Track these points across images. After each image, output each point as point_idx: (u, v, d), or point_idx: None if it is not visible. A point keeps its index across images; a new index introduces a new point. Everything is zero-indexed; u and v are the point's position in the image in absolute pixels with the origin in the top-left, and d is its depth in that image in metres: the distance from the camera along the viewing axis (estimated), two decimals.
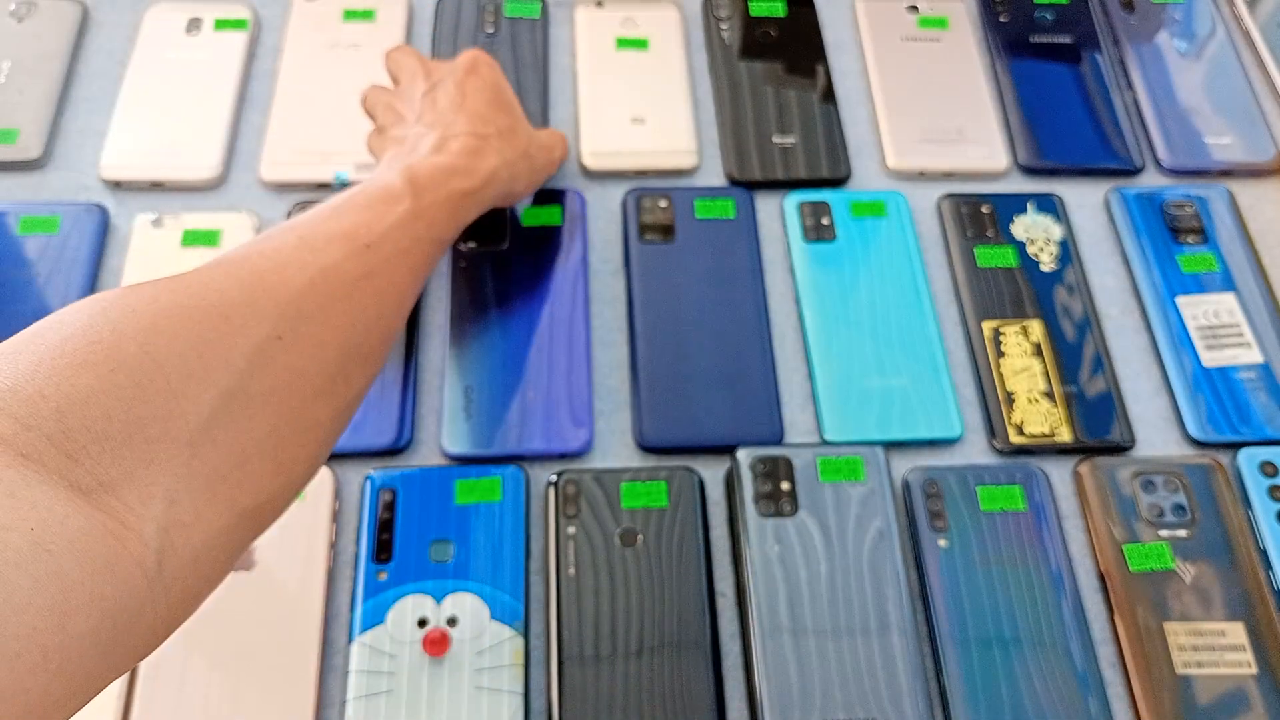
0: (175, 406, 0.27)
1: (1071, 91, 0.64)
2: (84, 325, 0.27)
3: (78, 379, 0.25)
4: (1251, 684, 0.44)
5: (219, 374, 0.29)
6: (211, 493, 0.28)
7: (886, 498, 0.48)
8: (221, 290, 0.31)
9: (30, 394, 0.24)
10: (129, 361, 0.26)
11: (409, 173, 0.40)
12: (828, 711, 0.43)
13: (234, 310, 0.30)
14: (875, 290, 0.55)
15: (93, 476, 0.25)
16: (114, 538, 0.24)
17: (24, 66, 0.60)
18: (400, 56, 0.51)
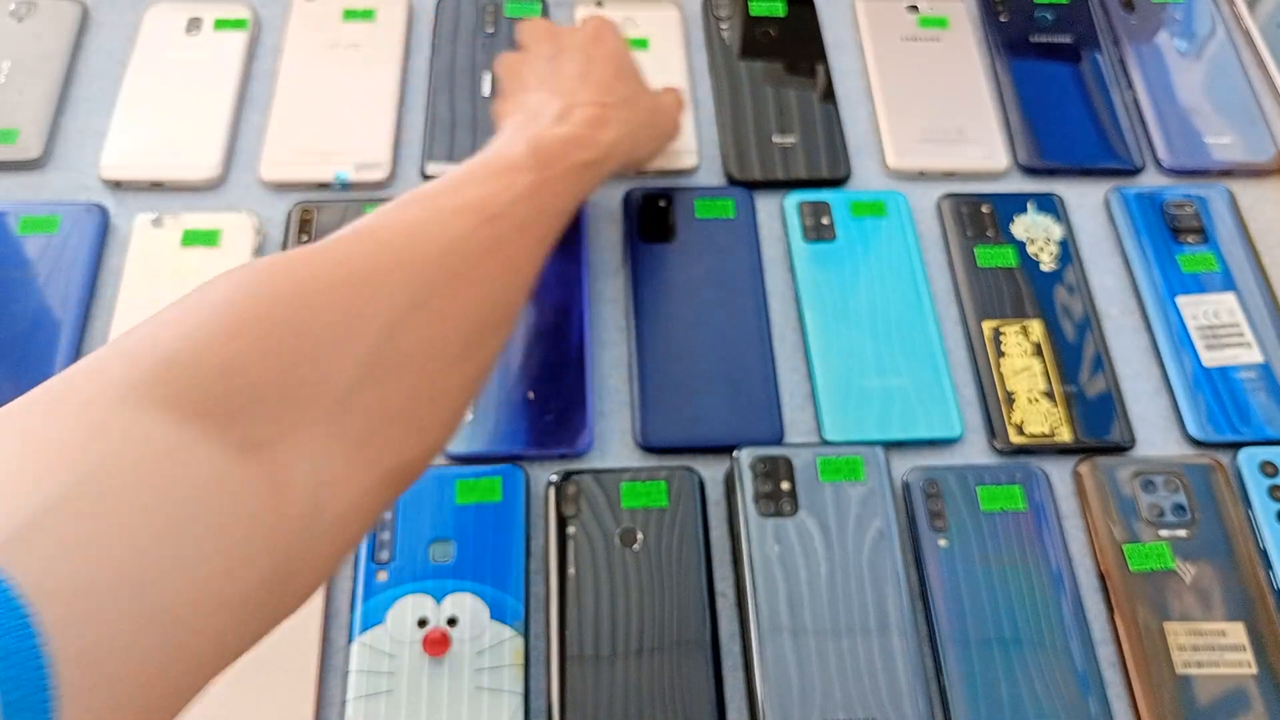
0: (322, 372, 0.28)
1: (1071, 91, 0.64)
2: (234, 295, 0.29)
3: (232, 344, 0.27)
4: (1251, 684, 0.44)
5: (361, 342, 0.30)
6: (358, 453, 0.29)
7: (886, 498, 0.48)
8: (361, 261, 0.32)
9: (191, 360, 0.26)
10: (278, 329, 0.28)
11: (533, 144, 0.40)
12: (828, 711, 0.43)
13: (373, 281, 0.31)
14: (875, 290, 0.55)
15: (251, 436, 0.26)
16: (274, 494, 0.26)
17: (24, 66, 0.60)
18: (530, 24, 0.51)
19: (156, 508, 0.23)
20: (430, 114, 0.60)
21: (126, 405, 0.24)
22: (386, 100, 0.60)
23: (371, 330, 0.30)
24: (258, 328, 0.28)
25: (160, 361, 0.26)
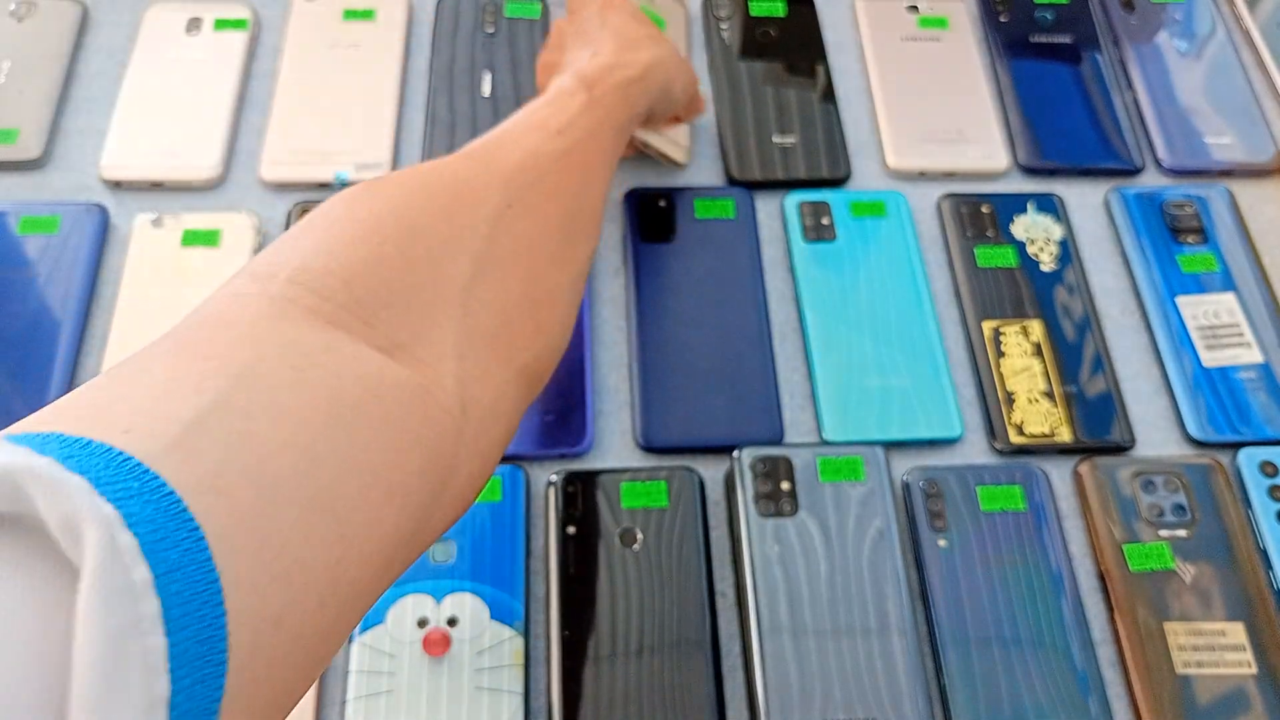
0: (440, 271, 0.30)
1: (1071, 91, 0.64)
2: (347, 209, 0.30)
3: (354, 253, 0.28)
4: (1251, 684, 0.44)
5: (468, 240, 0.32)
6: (491, 349, 0.31)
7: (886, 498, 0.48)
8: (454, 170, 0.35)
9: (319, 270, 0.27)
10: (391, 234, 0.29)
11: (578, 74, 0.44)
12: (828, 711, 0.43)
13: (468, 184, 0.34)
14: (875, 290, 0.55)
15: (389, 338, 0.27)
16: (423, 389, 0.27)
17: (24, 66, 0.60)
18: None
19: (314, 404, 0.23)
20: (430, 114, 0.60)
21: (270, 317, 0.25)
22: (386, 100, 0.60)
23: (476, 228, 0.32)
24: (376, 236, 0.29)
25: (292, 276, 0.27)
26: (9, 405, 0.49)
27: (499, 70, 0.62)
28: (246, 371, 0.23)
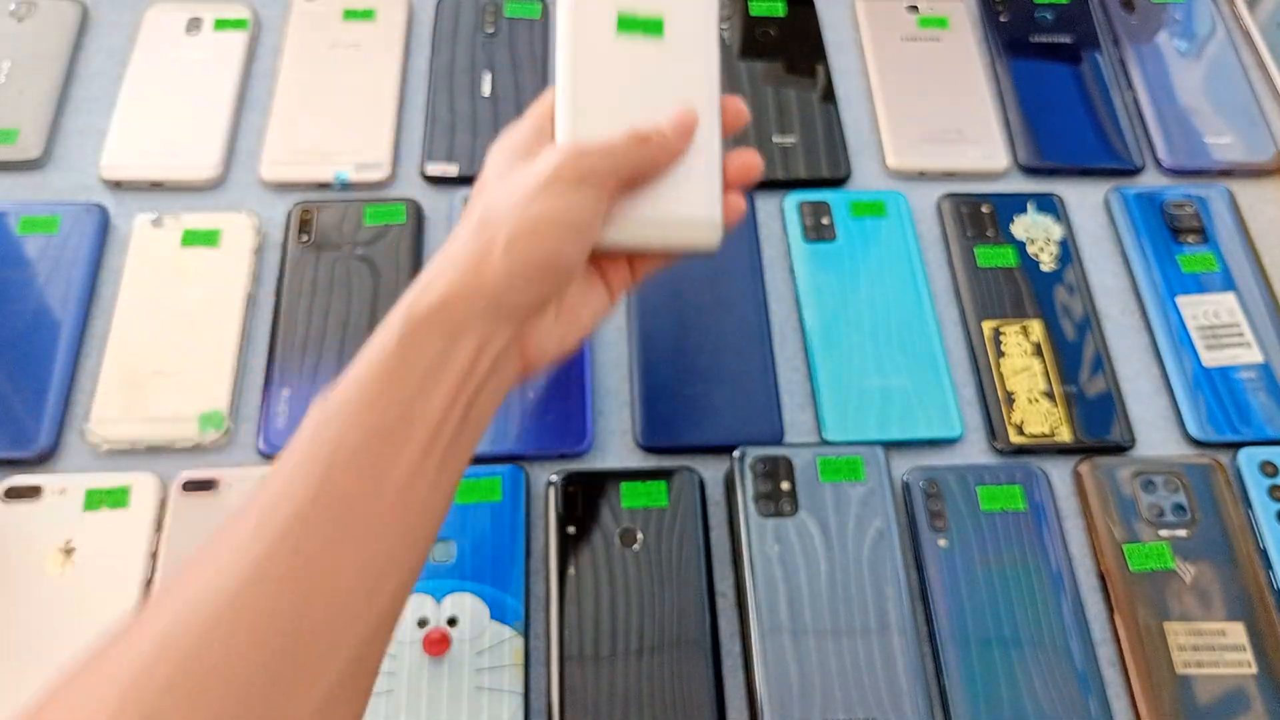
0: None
1: (1071, 91, 0.64)
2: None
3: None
4: (1251, 684, 0.44)
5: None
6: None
7: (886, 498, 0.48)
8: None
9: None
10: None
11: (396, 319, 0.34)
12: (828, 711, 0.43)
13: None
14: (875, 290, 0.55)
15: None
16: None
17: (24, 66, 0.60)
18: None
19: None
20: (430, 114, 0.60)
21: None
22: (386, 100, 0.60)
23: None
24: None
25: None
26: (9, 405, 0.49)
27: (499, 70, 0.62)
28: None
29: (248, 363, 0.52)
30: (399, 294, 0.34)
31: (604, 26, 0.40)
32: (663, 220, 0.38)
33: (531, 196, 0.34)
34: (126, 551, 0.46)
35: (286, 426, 0.50)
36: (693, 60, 0.40)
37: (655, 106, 0.38)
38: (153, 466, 0.49)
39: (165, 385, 0.50)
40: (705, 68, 0.40)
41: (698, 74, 0.40)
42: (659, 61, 0.40)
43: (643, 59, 0.40)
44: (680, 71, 0.40)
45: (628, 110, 0.38)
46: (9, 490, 0.47)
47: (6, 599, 0.45)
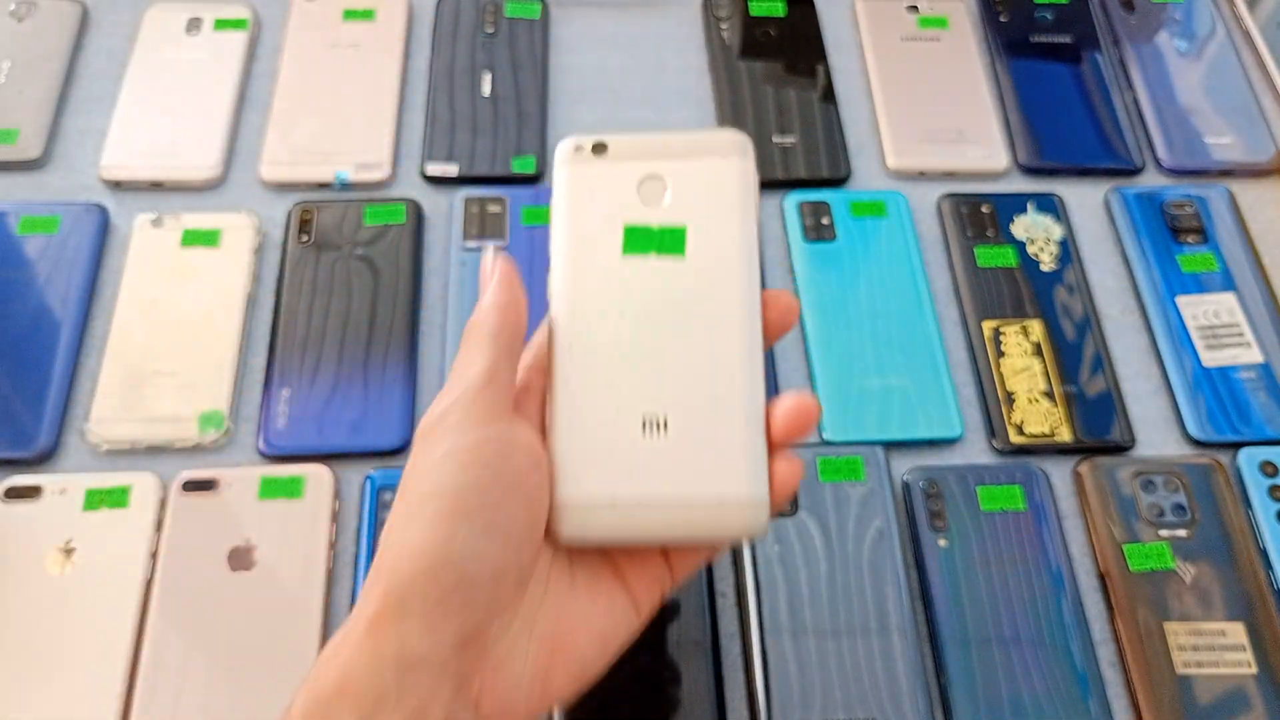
0: None
1: (1071, 91, 0.64)
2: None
3: None
4: (1251, 684, 0.44)
5: None
6: None
7: (886, 498, 0.48)
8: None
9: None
10: None
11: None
12: (828, 711, 0.43)
13: None
14: (875, 290, 0.55)
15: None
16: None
17: (24, 66, 0.60)
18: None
19: None
20: (430, 114, 0.60)
21: None
22: (386, 100, 0.60)
23: None
24: None
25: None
26: (9, 405, 0.50)
27: (499, 70, 0.62)
28: None
29: (248, 363, 0.52)
30: (399, 294, 0.34)
31: (606, 246, 0.31)
32: (679, 503, 0.29)
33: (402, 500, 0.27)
34: (126, 551, 0.46)
35: (286, 426, 0.50)
36: (728, 284, 0.31)
37: (676, 355, 0.30)
38: (153, 466, 0.49)
39: (165, 385, 0.50)
40: (744, 291, 0.31)
41: (734, 302, 0.31)
42: (681, 289, 0.31)
43: (658, 287, 0.31)
44: (710, 301, 0.30)
45: (640, 365, 0.30)
46: (9, 490, 0.47)
47: (6, 599, 0.45)
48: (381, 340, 0.52)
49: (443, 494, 0.26)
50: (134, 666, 0.44)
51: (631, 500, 0.29)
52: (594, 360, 0.30)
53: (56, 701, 0.43)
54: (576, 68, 0.64)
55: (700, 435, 0.29)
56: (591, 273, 0.31)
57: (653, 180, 0.32)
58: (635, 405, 0.30)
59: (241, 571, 0.46)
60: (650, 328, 0.30)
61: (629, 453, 0.29)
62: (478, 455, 0.27)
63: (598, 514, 0.29)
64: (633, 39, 0.65)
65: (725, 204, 0.32)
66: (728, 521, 0.29)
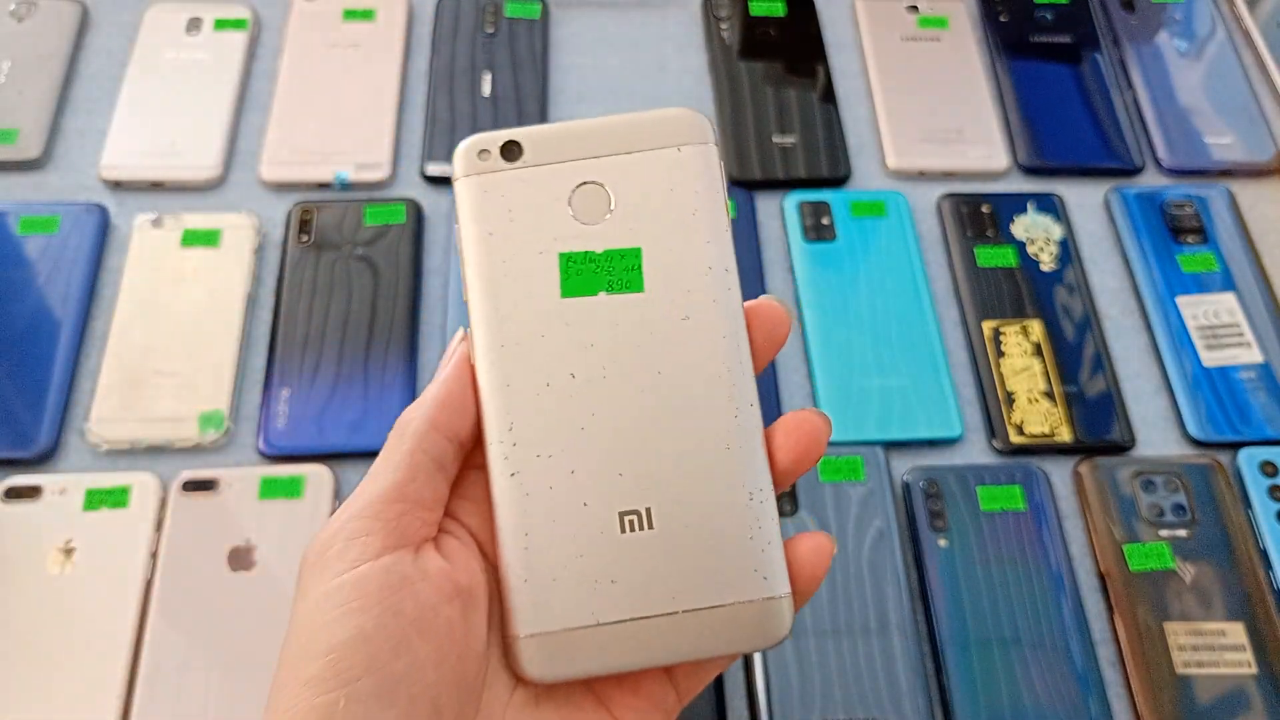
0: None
1: (1071, 91, 0.64)
2: None
3: None
4: (1251, 684, 0.44)
5: None
6: None
7: (886, 498, 0.48)
8: None
9: None
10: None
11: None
12: (828, 711, 0.43)
13: None
14: (875, 290, 0.55)
15: None
16: None
17: (24, 66, 0.60)
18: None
19: None
20: (430, 114, 0.60)
21: None
22: (386, 100, 0.60)
23: None
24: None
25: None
26: (9, 405, 0.50)
27: (499, 70, 0.62)
28: None
29: (248, 363, 0.52)
30: (399, 294, 0.33)
31: (539, 288, 0.24)
32: (679, 617, 0.23)
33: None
34: (126, 551, 0.46)
35: (286, 426, 0.50)
36: (704, 317, 0.24)
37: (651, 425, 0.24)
38: (153, 466, 0.49)
39: (165, 385, 0.50)
40: (726, 324, 0.25)
41: (714, 342, 0.25)
42: (645, 335, 0.24)
43: (615, 337, 0.24)
44: (685, 347, 0.24)
45: (608, 445, 0.24)
46: (9, 490, 0.47)
47: (6, 599, 0.45)
48: (381, 340, 0.52)
49: (316, 652, 0.21)
50: (134, 666, 0.44)
51: (617, 620, 0.23)
52: (545, 447, 0.24)
53: (56, 701, 0.43)
54: (576, 68, 0.64)
55: (695, 525, 0.23)
56: (525, 328, 0.24)
57: (589, 188, 0.25)
58: (608, 498, 0.23)
59: (241, 571, 0.46)
60: (613, 393, 0.24)
61: (608, 559, 0.23)
62: (363, 595, 0.22)
63: (575, 643, 0.23)
64: (633, 39, 0.65)
65: (688, 210, 0.25)
66: (743, 630, 0.23)
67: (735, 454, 0.24)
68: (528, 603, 0.23)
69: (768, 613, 0.23)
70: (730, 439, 0.24)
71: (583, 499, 0.24)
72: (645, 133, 0.25)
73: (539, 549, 0.23)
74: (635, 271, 0.24)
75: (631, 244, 0.24)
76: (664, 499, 0.24)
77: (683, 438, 0.24)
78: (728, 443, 0.24)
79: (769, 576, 0.23)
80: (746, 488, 0.24)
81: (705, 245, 0.24)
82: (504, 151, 0.25)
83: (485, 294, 0.24)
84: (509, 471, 0.24)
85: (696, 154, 0.25)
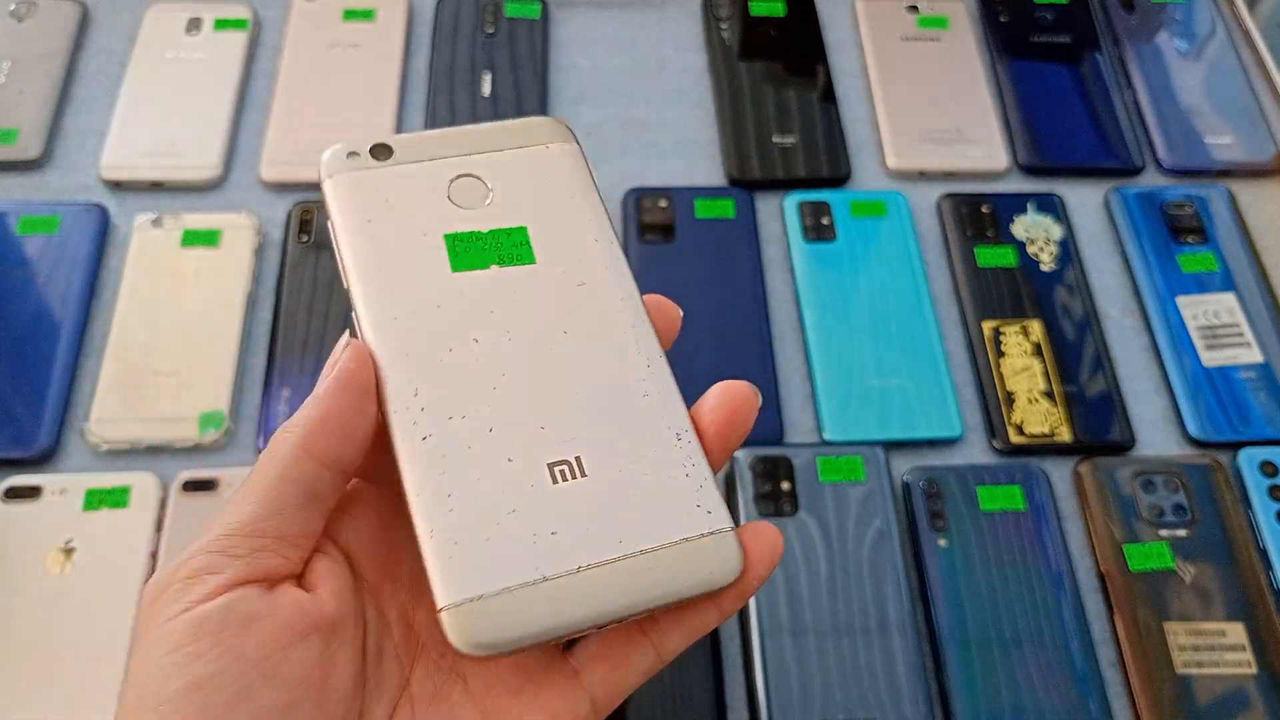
0: None
1: (1071, 91, 0.64)
2: None
3: None
4: (1251, 684, 0.44)
5: None
6: None
7: (886, 498, 0.48)
8: None
9: None
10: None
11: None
12: (828, 711, 0.43)
13: None
14: (875, 290, 0.55)
15: None
16: None
17: (24, 66, 0.60)
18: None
19: None
20: (430, 114, 0.60)
21: None
22: (386, 100, 0.60)
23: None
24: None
25: None
26: (9, 405, 0.49)
27: (499, 70, 0.62)
28: None
29: (248, 363, 0.52)
30: None
31: (427, 267, 0.24)
32: (628, 560, 0.22)
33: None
34: (126, 551, 0.46)
35: None
36: (600, 280, 0.25)
37: (566, 377, 0.24)
38: (153, 466, 0.49)
39: (165, 385, 0.50)
40: (621, 285, 0.25)
41: (614, 299, 0.25)
42: (545, 298, 0.24)
43: (515, 302, 0.24)
44: (587, 304, 0.24)
45: (526, 399, 0.23)
46: (9, 490, 0.47)
47: (6, 599, 0.45)
48: None
49: (147, 705, 0.19)
50: None
51: (565, 571, 0.22)
52: (457, 408, 0.23)
53: (56, 701, 0.43)
54: (576, 68, 0.64)
55: (629, 468, 0.23)
56: (418, 300, 0.23)
57: (465, 180, 0.25)
58: (534, 451, 0.23)
59: None
60: (521, 354, 0.23)
61: (544, 511, 0.22)
62: (198, 639, 0.20)
63: (522, 602, 0.21)
64: (633, 39, 0.65)
65: (565, 194, 0.25)
66: (696, 568, 0.23)
67: (654, 399, 0.24)
68: (460, 568, 0.21)
69: (717, 547, 0.23)
70: (646, 386, 0.24)
71: (506, 454, 0.22)
72: (512, 135, 0.26)
73: (466, 510, 0.22)
74: (525, 246, 0.24)
75: (516, 223, 0.25)
76: (592, 446, 0.23)
77: (600, 389, 0.24)
78: (644, 390, 0.24)
79: (712, 510, 0.23)
80: (673, 429, 0.24)
81: (589, 220, 0.25)
82: (374, 152, 0.25)
83: (371, 274, 0.24)
84: (420, 435, 0.22)
85: (565, 150, 0.26)
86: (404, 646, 0.23)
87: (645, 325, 0.25)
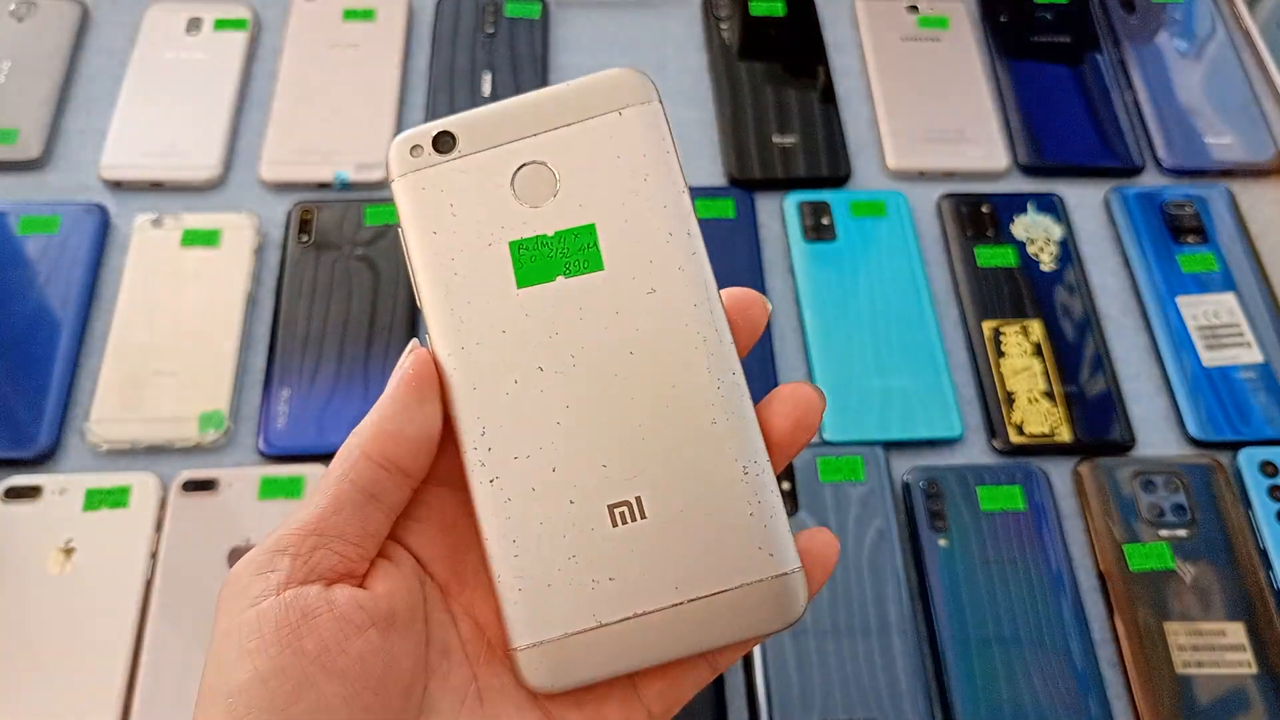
0: None
1: (1071, 91, 0.64)
2: None
3: None
4: (1251, 684, 0.44)
5: None
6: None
7: (886, 498, 0.48)
8: None
9: None
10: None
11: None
12: (828, 711, 0.43)
13: None
14: (875, 290, 0.55)
15: None
16: None
17: (24, 66, 0.60)
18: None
19: None
20: (430, 114, 0.60)
21: None
22: (386, 100, 0.60)
23: None
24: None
25: None
26: (9, 405, 0.50)
27: (499, 70, 0.62)
28: None
29: (248, 363, 0.52)
30: (399, 294, 0.33)
31: (493, 281, 0.23)
32: (684, 606, 0.22)
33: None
34: (126, 551, 0.46)
35: (286, 426, 0.50)
36: (673, 287, 0.23)
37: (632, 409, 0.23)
38: (153, 466, 0.49)
39: (165, 385, 0.50)
40: (698, 291, 0.24)
41: (688, 312, 0.23)
42: (610, 315, 0.23)
43: (580, 321, 0.23)
44: (656, 320, 0.23)
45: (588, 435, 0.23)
46: (9, 490, 0.47)
47: (6, 599, 0.45)
48: (381, 340, 0.52)
49: (218, 696, 0.20)
50: (134, 666, 0.44)
51: (619, 618, 0.22)
52: (521, 447, 0.23)
53: (56, 701, 0.43)
54: (576, 68, 0.64)
55: (690, 508, 0.22)
56: (483, 326, 0.23)
57: (531, 169, 0.24)
58: (595, 492, 0.22)
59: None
60: (585, 381, 0.23)
61: (602, 557, 0.22)
62: (260, 635, 0.21)
63: (579, 648, 0.22)
64: (633, 39, 0.65)
65: (639, 176, 0.23)
66: (755, 612, 0.22)
67: (723, 427, 0.23)
68: (524, 613, 0.22)
69: (779, 591, 0.22)
70: (716, 412, 0.23)
71: (568, 497, 0.22)
72: (583, 101, 0.24)
73: (529, 556, 0.22)
74: (592, 249, 0.23)
75: (584, 221, 0.23)
76: (653, 485, 0.22)
77: (665, 417, 0.23)
78: (713, 416, 0.23)
79: (775, 553, 0.22)
80: (740, 461, 0.23)
81: (662, 211, 0.23)
82: (436, 144, 0.24)
83: (438, 297, 0.23)
84: (487, 479, 0.23)
85: (639, 115, 0.24)
86: (472, 644, 0.24)
87: (719, 336, 0.24)
